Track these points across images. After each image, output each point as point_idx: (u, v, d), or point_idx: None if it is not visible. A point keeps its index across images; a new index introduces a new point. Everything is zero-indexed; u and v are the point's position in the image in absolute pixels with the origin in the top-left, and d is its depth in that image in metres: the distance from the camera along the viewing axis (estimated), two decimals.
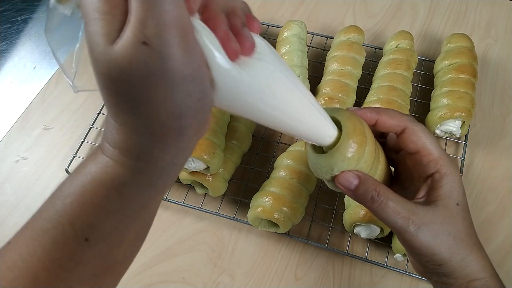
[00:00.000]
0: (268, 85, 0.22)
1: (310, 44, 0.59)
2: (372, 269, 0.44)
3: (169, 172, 0.21)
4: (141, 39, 0.16)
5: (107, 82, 0.17)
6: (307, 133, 0.25)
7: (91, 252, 0.21)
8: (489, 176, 0.49)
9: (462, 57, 0.51)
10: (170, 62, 0.16)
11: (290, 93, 0.23)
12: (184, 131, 0.19)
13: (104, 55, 0.16)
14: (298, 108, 0.24)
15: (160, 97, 0.17)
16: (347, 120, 0.27)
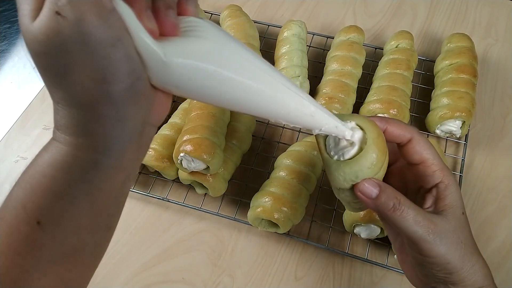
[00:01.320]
0: (200, 59, 0.21)
1: (310, 44, 0.59)
2: (372, 269, 0.44)
3: (114, 149, 0.21)
4: (54, 10, 0.17)
5: (35, 59, 0.18)
6: (281, 115, 0.25)
7: (44, 236, 0.21)
8: (489, 176, 0.49)
9: (462, 57, 0.51)
10: (84, 28, 0.17)
11: (238, 69, 0.23)
12: (112, 97, 0.19)
13: (27, 33, 0.18)
14: (254, 86, 0.23)
15: (80, 64, 0.18)
16: (371, 126, 0.27)
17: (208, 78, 0.22)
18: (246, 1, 0.65)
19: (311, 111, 0.25)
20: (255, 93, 0.23)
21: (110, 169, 0.21)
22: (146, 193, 0.49)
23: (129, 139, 0.21)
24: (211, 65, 0.22)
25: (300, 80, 0.50)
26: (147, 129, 0.23)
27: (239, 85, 0.23)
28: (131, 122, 0.21)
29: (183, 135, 0.44)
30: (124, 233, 0.47)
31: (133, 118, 0.21)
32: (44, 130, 0.55)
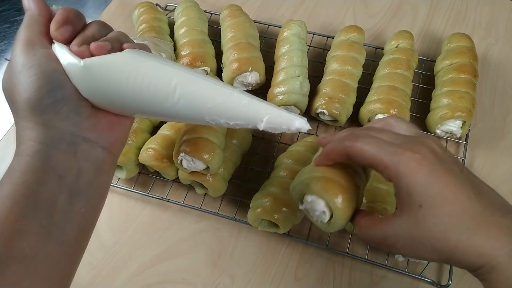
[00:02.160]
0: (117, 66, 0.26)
1: (310, 44, 0.59)
2: (372, 270, 0.44)
3: (39, 151, 0.25)
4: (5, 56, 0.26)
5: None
6: (213, 112, 0.26)
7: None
8: (490, 176, 0.49)
9: (462, 57, 0.51)
10: (14, 60, 0.26)
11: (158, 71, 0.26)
12: (33, 105, 0.25)
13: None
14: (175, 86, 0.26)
15: (13, 85, 0.26)
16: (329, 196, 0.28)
17: (121, 82, 0.26)
18: (246, 0, 0.65)
19: (245, 101, 0.25)
20: (180, 92, 0.26)
21: (40, 171, 0.25)
22: (146, 193, 0.49)
23: (54, 144, 0.26)
24: (130, 71, 0.26)
25: (300, 79, 0.50)
26: (82, 144, 0.27)
27: (161, 87, 0.26)
28: (55, 129, 0.26)
29: (183, 135, 0.44)
30: (124, 233, 0.47)
31: (56, 126, 0.26)
32: None
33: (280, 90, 0.49)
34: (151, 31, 0.54)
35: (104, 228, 0.47)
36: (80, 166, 0.27)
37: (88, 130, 0.27)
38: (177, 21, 0.58)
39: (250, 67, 0.51)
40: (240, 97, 0.26)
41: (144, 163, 0.47)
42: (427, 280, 0.42)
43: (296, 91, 0.49)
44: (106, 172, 0.29)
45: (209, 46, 0.55)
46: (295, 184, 0.31)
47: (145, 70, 0.26)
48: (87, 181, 0.27)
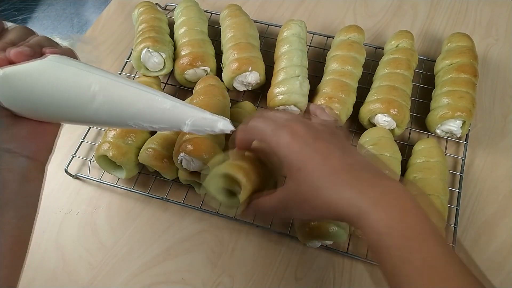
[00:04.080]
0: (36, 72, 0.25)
1: (310, 44, 0.59)
2: (372, 269, 0.44)
3: None
4: None
5: None
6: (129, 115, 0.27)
7: None
8: (490, 176, 0.49)
9: (462, 57, 0.51)
10: None
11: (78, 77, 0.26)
12: None
13: None
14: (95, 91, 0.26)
15: None
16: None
17: (41, 90, 0.26)
18: (246, 0, 0.65)
19: (168, 105, 0.26)
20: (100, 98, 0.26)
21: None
22: (146, 193, 0.49)
23: None
24: (42, 77, 0.25)
25: (300, 79, 0.50)
26: (4, 156, 0.26)
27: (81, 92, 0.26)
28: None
29: (183, 135, 0.44)
30: (124, 233, 0.47)
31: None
32: None
33: (280, 90, 0.49)
34: (151, 31, 0.54)
35: (104, 228, 0.47)
36: (3, 178, 0.26)
37: (9, 141, 0.27)
38: (177, 21, 0.58)
39: (250, 67, 0.50)
40: (163, 101, 0.26)
41: (144, 163, 0.47)
42: None
43: (296, 91, 0.49)
44: (33, 180, 0.29)
45: (209, 46, 0.55)
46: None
47: (64, 77, 0.26)
48: (13, 191, 0.27)
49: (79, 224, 0.48)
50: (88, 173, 0.50)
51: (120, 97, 0.26)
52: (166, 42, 0.54)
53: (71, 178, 0.50)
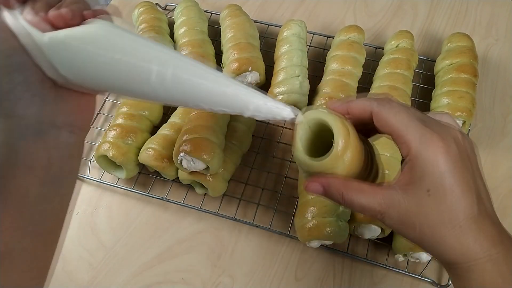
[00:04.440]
0: (89, 39, 0.23)
1: (310, 44, 0.59)
2: (372, 270, 0.44)
3: (4, 145, 0.23)
4: None
5: None
6: (194, 97, 0.24)
7: None
8: (490, 176, 0.49)
9: (462, 57, 0.51)
10: None
11: (139, 47, 0.23)
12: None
13: None
14: (157, 66, 0.23)
15: None
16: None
17: (96, 59, 0.23)
18: (246, 0, 0.65)
19: (232, 88, 0.24)
20: (162, 73, 0.23)
21: (7, 165, 0.23)
22: (146, 193, 0.49)
23: (20, 135, 0.23)
24: (90, 44, 0.23)
25: (300, 79, 0.50)
26: (50, 131, 0.24)
27: (141, 64, 0.23)
28: (19, 118, 0.23)
29: (182, 135, 0.44)
30: (124, 233, 0.47)
31: (19, 115, 0.23)
32: None
33: (280, 90, 0.49)
34: (151, 30, 0.54)
35: (104, 228, 0.47)
36: (50, 155, 0.25)
37: (55, 115, 0.24)
38: (177, 21, 0.58)
39: (250, 67, 0.50)
40: (226, 83, 0.24)
41: (144, 163, 0.47)
42: (427, 280, 0.42)
43: (296, 91, 0.49)
44: (76, 156, 0.27)
45: (209, 46, 0.55)
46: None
47: (123, 46, 0.23)
48: (57, 169, 0.25)
49: (79, 224, 0.48)
50: (88, 173, 0.50)
51: (181, 76, 0.23)
52: (166, 42, 0.54)
53: None
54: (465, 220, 0.24)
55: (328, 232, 0.40)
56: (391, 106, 0.26)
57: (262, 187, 0.48)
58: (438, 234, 0.25)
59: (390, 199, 0.26)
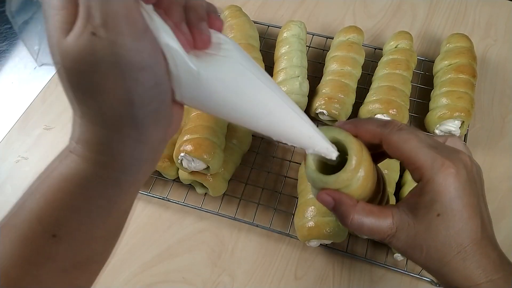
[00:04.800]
0: (229, 81, 0.22)
1: (310, 45, 0.59)
2: (371, 269, 0.44)
3: (132, 168, 0.21)
4: (89, 29, 0.17)
5: (62, 73, 0.18)
6: (285, 135, 0.26)
7: (59, 248, 0.21)
8: (489, 177, 0.49)
9: (461, 57, 0.51)
10: (118, 50, 0.17)
11: (258, 91, 0.23)
12: (138, 120, 0.19)
13: (58, 47, 0.17)
14: (268, 108, 0.24)
15: (110, 85, 0.18)
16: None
17: (232, 98, 0.22)
18: (246, 1, 0.65)
19: (310, 134, 0.26)
20: (269, 114, 0.24)
21: (126, 185, 0.22)
22: (147, 193, 0.49)
23: (147, 158, 0.22)
24: (238, 87, 0.22)
25: (300, 80, 0.50)
26: (162, 145, 0.23)
27: (257, 107, 0.24)
28: (151, 143, 0.21)
29: (183, 135, 0.44)
30: (124, 233, 0.47)
31: (153, 139, 0.21)
32: (44, 130, 0.55)
33: None
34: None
35: None
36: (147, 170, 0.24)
37: (168, 131, 0.23)
38: None
39: None
40: (308, 129, 0.26)
41: None
42: (425, 279, 0.43)
43: (296, 91, 0.49)
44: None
45: None
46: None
47: (244, 85, 0.23)
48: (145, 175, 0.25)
49: None
50: None
51: (283, 124, 0.25)
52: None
53: None
54: (470, 244, 0.25)
55: (327, 231, 0.41)
56: (400, 132, 0.27)
57: (262, 187, 0.49)
58: (445, 258, 0.26)
59: (400, 221, 0.27)
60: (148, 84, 0.18)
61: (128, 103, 0.18)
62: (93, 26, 0.17)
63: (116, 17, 0.17)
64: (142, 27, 0.18)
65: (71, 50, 0.17)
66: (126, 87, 0.18)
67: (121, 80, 0.18)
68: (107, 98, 0.18)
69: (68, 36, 0.17)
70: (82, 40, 0.17)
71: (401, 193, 0.45)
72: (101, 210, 0.22)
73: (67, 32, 0.17)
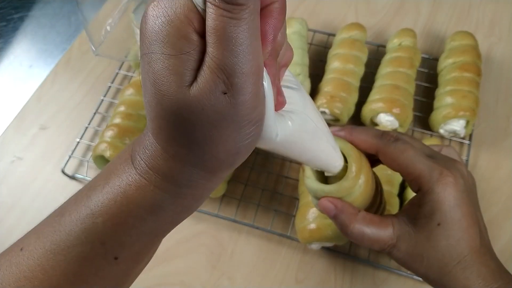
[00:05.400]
0: (300, 142, 0.22)
1: (311, 42, 0.58)
2: (374, 272, 0.43)
3: (206, 195, 0.22)
4: (221, 88, 0.16)
5: (170, 117, 0.17)
6: (320, 165, 0.26)
7: (117, 269, 0.21)
8: (493, 177, 0.48)
9: (466, 55, 0.50)
10: (241, 109, 0.16)
11: (317, 139, 0.24)
12: (235, 165, 0.20)
13: (176, 96, 0.16)
14: (320, 149, 0.25)
15: (223, 139, 0.17)
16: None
17: (299, 153, 0.23)
18: None
19: (337, 164, 0.27)
20: (318, 157, 0.25)
21: (195, 209, 0.22)
22: None
23: (216, 187, 0.22)
24: (306, 144, 0.23)
25: (301, 78, 0.49)
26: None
27: (314, 150, 0.24)
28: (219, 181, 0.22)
29: None
30: None
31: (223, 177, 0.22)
32: (40, 130, 0.54)
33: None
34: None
35: None
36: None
37: None
38: None
39: None
40: (337, 160, 0.27)
41: None
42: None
43: None
44: None
45: None
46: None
47: (307, 137, 0.23)
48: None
49: None
50: (86, 173, 0.49)
51: (327, 156, 0.26)
52: None
53: (68, 179, 0.50)
54: (470, 253, 0.26)
55: (329, 234, 0.40)
56: (396, 143, 0.27)
57: (262, 188, 0.48)
58: (445, 267, 0.26)
59: (401, 231, 0.27)
60: (255, 136, 0.18)
61: (235, 153, 0.18)
62: (225, 84, 0.16)
63: (250, 77, 0.16)
64: (261, 84, 0.17)
65: (194, 103, 0.16)
66: (238, 141, 0.18)
67: (237, 134, 0.17)
68: (215, 148, 0.18)
69: (193, 88, 0.16)
70: (210, 97, 0.16)
71: (405, 194, 0.45)
72: (165, 232, 0.23)
73: (188, 81, 0.16)
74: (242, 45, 0.15)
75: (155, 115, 0.17)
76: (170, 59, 0.16)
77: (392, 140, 0.28)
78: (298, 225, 0.42)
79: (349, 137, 0.29)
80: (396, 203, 0.43)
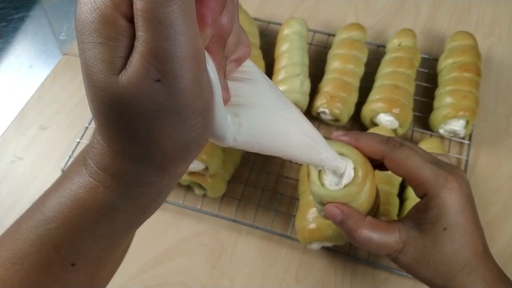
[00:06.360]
0: (260, 133, 0.22)
1: (311, 42, 0.58)
2: (374, 272, 0.43)
3: (163, 194, 0.21)
4: (153, 75, 0.14)
5: (106, 110, 0.16)
6: (302, 158, 0.26)
7: (77, 275, 0.20)
8: (493, 177, 0.48)
9: (465, 55, 0.50)
10: (181, 98, 0.15)
11: (286, 131, 0.24)
12: (187, 159, 0.18)
13: (106, 85, 0.15)
14: (294, 142, 0.24)
15: (167, 131, 0.16)
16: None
17: (261, 145, 0.22)
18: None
19: (322, 156, 0.27)
20: (288, 148, 0.25)
21: (153, 209, 0.21)
22: None
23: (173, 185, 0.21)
24: (268, 135, 0.22)
25: (301, 78, 0.49)
26: None
27: (285, 144, 0.24)
28: (186, 169, 0.21)
29: None
30: None
31: (176, 172, 0.20)
32: (40, 130, 0.54)
33: (281, 89, 0.48)
34: None
35: None
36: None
37: None
38: None
39: None
40: (321, 152, 0.27)
41: None
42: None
43: (297, 90, 0.48)
44: None
45: None
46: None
47: (277, 131, 0.23)
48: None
49: None
50: None
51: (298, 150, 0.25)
52: None
53: None
54: (474, 258, 0.26)
55: (329, 233, 0.40)
56: (402, 149, 0.28)
57: (262, 188, 0.48)
58: (451, 272, 0.26)
59: (407, 236, 0.27)
60: (203, 128, 0.17)
61: (184, 146, 0.17)
62: (158, 71, 0.14)
63: (186, 62, 0.14)
64: (203, 71, 0.16)
65: (125, 92, 0.15)
66: (183, 132, 0.16)
67: (181, 126, 0.16)
68: (159, 142, 0.16)
69: (122, 76, 0.14)
70: (142, 85, 0.14)
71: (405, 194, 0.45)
72: (123, 236, 0.21)
73: (117, 69, 0.15)
74: (174, 27, 0.14)
75: (95, 109, 0.16)
76: (97, 46, 0.14)
77: (397, 145, 0.28)
78: (298, 225, 0.42)
79: (355, 142, 0.29)
80: (396, 203, 0.43)
